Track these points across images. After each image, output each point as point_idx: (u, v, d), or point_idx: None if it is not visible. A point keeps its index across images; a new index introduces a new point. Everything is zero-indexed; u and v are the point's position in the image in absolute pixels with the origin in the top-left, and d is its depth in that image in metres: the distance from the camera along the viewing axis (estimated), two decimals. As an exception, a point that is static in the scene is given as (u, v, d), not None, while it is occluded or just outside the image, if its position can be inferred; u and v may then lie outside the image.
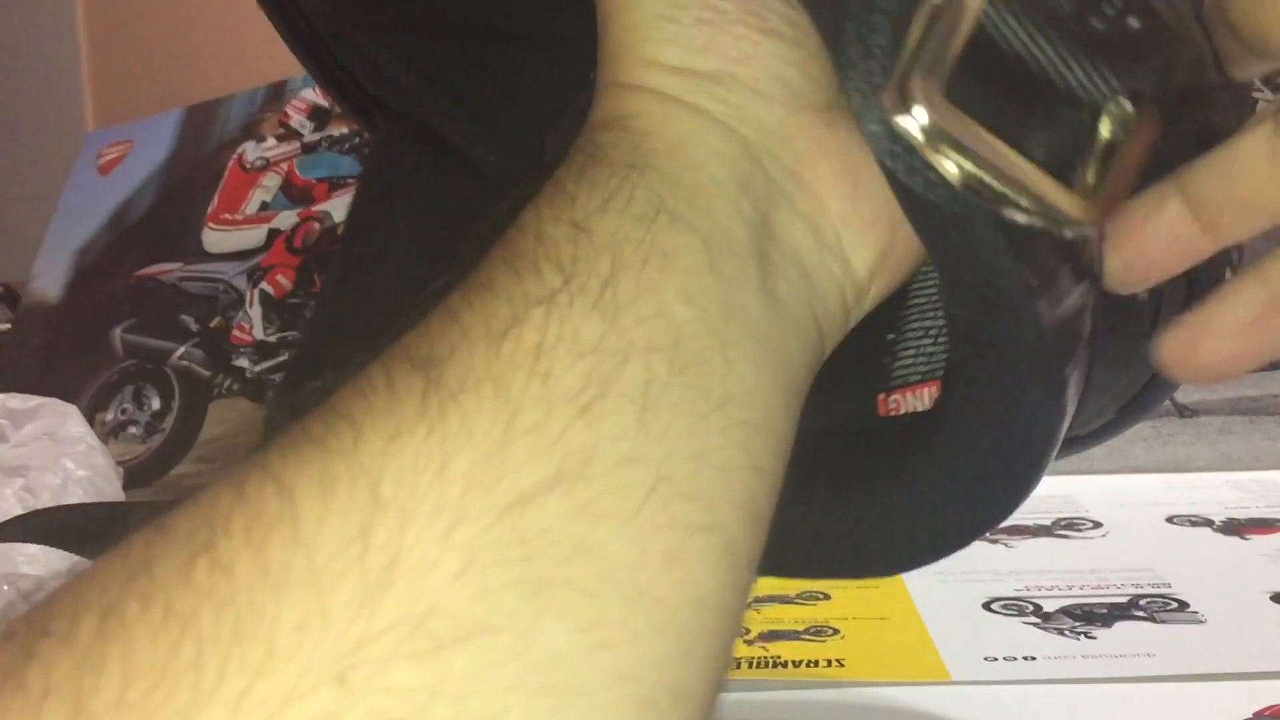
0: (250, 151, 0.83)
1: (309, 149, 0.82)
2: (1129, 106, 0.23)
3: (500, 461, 0.19)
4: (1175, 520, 0.55)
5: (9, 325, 0.84)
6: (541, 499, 0.19)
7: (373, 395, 0.20)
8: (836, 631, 0.44)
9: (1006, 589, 0.47)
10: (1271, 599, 0.45)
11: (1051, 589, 0.47)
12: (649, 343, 0.21)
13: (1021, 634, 0.43)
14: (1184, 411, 0.77)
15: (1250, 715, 0.37)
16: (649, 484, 0.20)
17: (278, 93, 0.86)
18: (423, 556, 0.18)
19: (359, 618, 0.17)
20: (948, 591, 0.47)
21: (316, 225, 0.78)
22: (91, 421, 0.64)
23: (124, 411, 0.75)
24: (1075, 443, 0.33)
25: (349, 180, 0.79)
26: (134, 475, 0.68)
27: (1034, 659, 0.41)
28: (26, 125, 1.25)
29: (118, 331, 0.78)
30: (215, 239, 0.80)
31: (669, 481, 0.20)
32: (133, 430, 0.74)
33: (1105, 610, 0.45)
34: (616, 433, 0.20)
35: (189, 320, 0.77)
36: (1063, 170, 0.23)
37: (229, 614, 0.17)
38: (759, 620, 0.45)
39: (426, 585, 0.18)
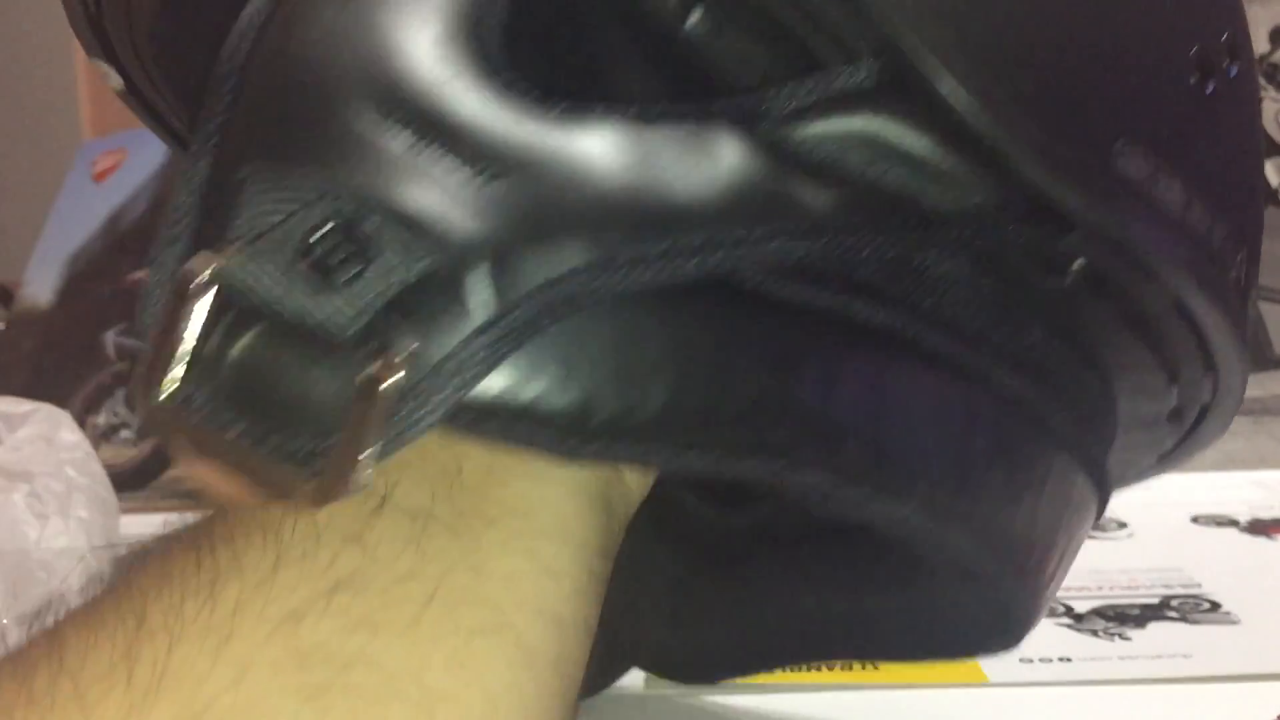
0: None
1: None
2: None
3: (269, 588, 0.21)
4: (1200, 520, 0.54)
5: (3, 325, 0.83)
6: (314, 618, 0.20)
7: (149, 553, 0.22)
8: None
9: (1035, 589, 0.46)
10: (1307, 598, 0.44)
11: (1081, 589, 0.46)
12: (421, 469, 0.22)
13: (1055, 635, 0.42)
14: (1187, 414, 0.76)
15: (1284, 715, 0.36)
16: (427, 595, 0.21)
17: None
18: (192, 669, 0.19)
19: None
20: (976, 592, 0.46)
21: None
22: (83, 424, 0.63)
23: (116, 415, 0.73)
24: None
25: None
26: (126, 479, 0.67)
27: (1070, 660, 0.40)
28: (22, 135, 1.24)
29: (110, 335, 0.76)
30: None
31: (449, 590, 0.21)
32: (125, 434, 0.72)
33: (1137, 611, 0.44)
34: (389, 556, 0.21)
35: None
36: None
37: None
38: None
39: (200, 694, 0.19)
